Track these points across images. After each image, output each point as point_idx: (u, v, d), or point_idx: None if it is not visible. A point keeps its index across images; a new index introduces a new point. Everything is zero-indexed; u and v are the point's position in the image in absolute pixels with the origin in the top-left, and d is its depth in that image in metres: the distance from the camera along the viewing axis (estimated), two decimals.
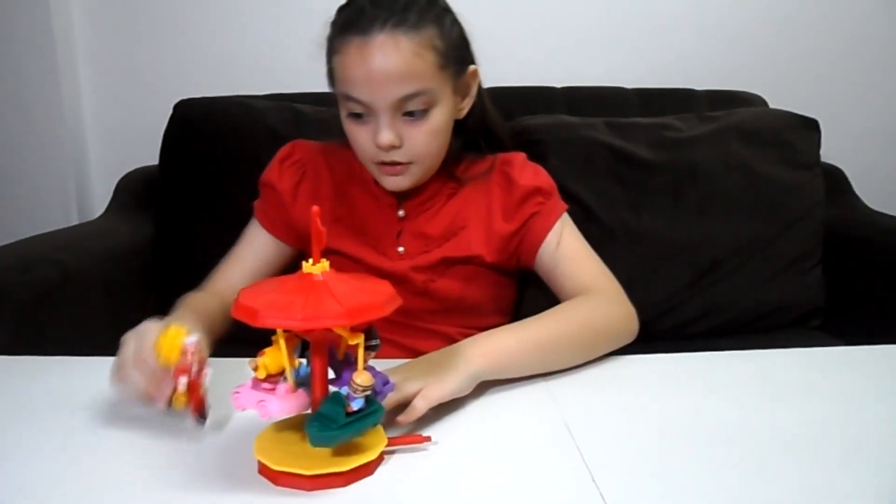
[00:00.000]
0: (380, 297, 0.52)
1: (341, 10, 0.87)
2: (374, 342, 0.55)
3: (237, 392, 0.54)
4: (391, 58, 0.80)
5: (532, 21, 1.62)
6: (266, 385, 0.54)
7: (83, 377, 0.73)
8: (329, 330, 0.51)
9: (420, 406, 0.61)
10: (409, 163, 0.86)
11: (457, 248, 0.92)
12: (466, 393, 0.66)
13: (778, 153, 1.35)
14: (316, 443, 0.51)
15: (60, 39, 1.53)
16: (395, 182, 0.88)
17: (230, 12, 1.59)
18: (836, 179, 1.44)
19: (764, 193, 1.32)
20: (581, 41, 1.63)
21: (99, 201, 1.60)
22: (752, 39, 1.66)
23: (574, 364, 0.76)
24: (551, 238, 0.92)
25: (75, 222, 1.51)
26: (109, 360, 0.77)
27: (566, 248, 0.92)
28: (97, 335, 1.10)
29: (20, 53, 1.52)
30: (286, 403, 0.53)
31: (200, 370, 0.58)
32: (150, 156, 1.36)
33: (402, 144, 0.84)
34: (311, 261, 0.53)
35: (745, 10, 1.65)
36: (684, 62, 1.64)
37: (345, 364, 0.55)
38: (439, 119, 0.85)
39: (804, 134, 1.37)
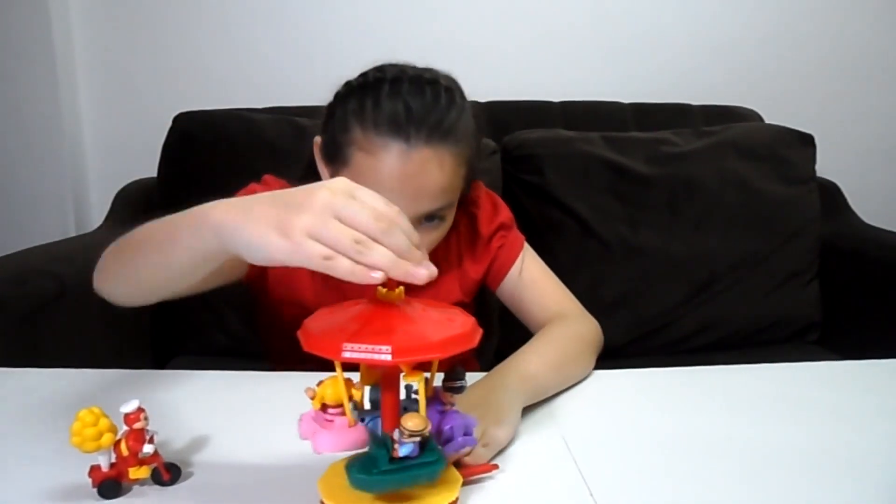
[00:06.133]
0: (466, 327, 0.47)
1: (363, 90, 0.78)
2: (459, 383, 0.51)
3: (301, 419, 0.52)
4: (434, 175, 0.75)
5: (530, 36, 1.63)
6: (328, 415, 0.50)
7: (79, 389, 0.72)
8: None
9: (484, 454, 0.58)
10: None
11: (436, 297, 0.84)
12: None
13: (773, 168, 1.35)
14: (354, 485, 0.47)
15: (60, 51, 1.53)
16: None
17: (230, 26, 1.60)
18: (831, 194, 1.45)
19: (760, 208, 1.33)
20: (579, 56, 1.65)
21: (97, 213, 1.60)
22: (747, 55, 1.67)
23: (573, 381, 0.77)
24: (514, 268, 0.92)
25: (73, 234, 1.51)
26: (105, 372, 0.77)
27: (529, 276, 0.92)
28: (93, 347, 1.10)
29: (20, 65, 1.52)
30: (338, 439, 0.49)
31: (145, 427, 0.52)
32: (149, 168, 1.37)
33: None
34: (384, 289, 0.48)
35: (740, 26, 1.66)
36: (680, 77, 1.65)
37: (433, 403, 0.51)
38: (451, 219, 0.82)
39: (799, 149, 1.38)
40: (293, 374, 0.66)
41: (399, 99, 0.75)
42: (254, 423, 0.64)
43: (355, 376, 0.49)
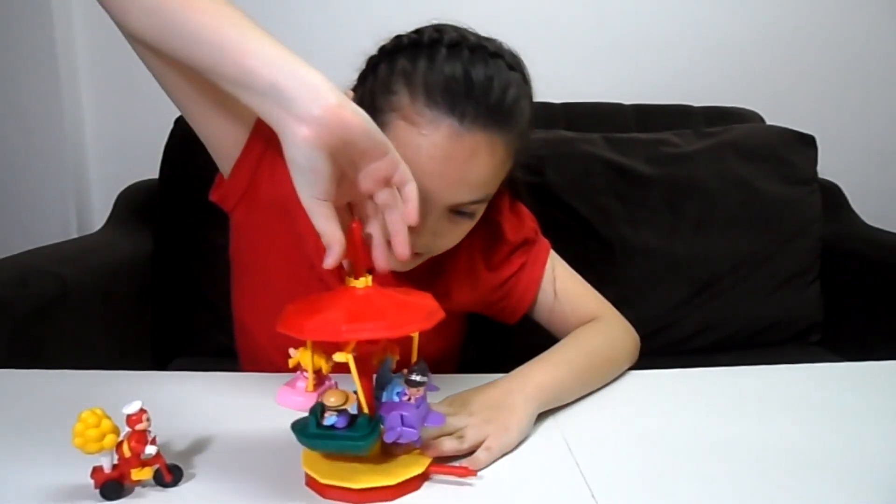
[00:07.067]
0: (433, 301, 0.53)
1: (416, 48, 0.70)
2: (418, 377, 0.53)
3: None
4: (482, 164, 0.66)
5: (531, 37, 1.62)
6: (300, 377, 0.55)
7: (81, 390, 0.73)
8: (369, 344, 0.52)
9: (483, 458, 0.57)
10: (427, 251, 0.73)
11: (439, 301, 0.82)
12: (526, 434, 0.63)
13: (775, 169, 1.35)
14: (298, 439, 0.53)
15: (62, 53, 1.54)
16: (397, 264, 0.68)
17: None
18: (832, 195, 1.45)
19: (761, 209, 1.33)
20: (580, 57, 1.65)
21: (98, 215, 1.60)
22: (748, 56, 1.67)
23: (597, 388, 0.75)
24: (546, 286, 0.86)
25: (75, 235, 1.51)
26: (107, 373, 0.77)
27: (563, 287, 0.86)
28: (95, 349, 1.10)
29: (22, 67, 1.52)
30: (290, 399, 0.54)
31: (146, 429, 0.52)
32: (151, 170, 1.37)
33: (433, 242, 0.71)
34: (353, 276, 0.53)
35: (742, 27, 1.66)
36: (682, 78, 1.65)
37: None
38: (479, 216, 0.74)
39: (801, 150, 1.38)
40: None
41: (458, 67, 0.67)
42: (255, 424, 0.64)
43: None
